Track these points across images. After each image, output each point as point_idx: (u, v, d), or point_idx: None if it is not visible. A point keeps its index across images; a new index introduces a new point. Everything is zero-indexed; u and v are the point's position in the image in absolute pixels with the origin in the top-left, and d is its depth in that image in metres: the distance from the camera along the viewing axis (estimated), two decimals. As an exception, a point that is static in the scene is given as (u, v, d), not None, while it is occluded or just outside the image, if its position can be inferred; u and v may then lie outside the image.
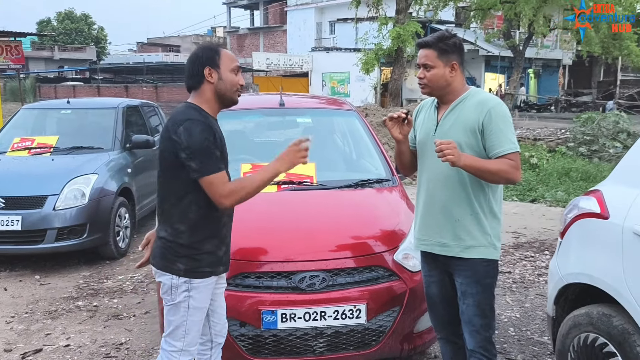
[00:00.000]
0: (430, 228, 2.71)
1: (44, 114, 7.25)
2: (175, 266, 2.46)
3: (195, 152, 2.33)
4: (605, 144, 11.64)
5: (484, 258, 2.63)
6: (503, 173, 2.50)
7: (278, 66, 32.94)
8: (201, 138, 2.34)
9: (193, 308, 2.50)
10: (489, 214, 2.64)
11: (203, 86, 2.48)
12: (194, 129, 2.34)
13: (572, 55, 33.12)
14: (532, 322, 4.32)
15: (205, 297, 2.54)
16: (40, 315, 4.55)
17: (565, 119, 21.64)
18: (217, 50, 2.49)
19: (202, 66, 2.46)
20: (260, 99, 5.45)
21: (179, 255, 2.46)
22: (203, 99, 2.49)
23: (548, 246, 6.25)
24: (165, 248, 2.49)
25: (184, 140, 2.33)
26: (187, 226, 2.44)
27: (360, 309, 3.01)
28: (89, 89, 40.00)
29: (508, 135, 2.54)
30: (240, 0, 50.75)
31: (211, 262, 2.51)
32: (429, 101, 2.83)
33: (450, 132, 2.62)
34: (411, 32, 19.03)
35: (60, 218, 5.45)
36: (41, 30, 55.41)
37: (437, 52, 2.59)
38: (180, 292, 2.47)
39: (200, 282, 2.49)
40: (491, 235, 2.64)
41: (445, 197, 2.64)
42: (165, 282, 2.50)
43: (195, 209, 2.44)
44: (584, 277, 2.76)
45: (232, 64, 2.50)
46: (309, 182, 3.80)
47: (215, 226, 2.51)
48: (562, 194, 8.71)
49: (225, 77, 2.48)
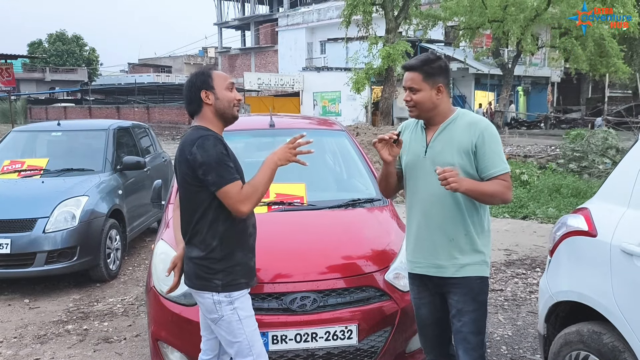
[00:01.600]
0: (425, 250, 2.70)
1: (35, 136, 7.23)
2: (213, 283, 2.52)
3: (210, 165, 2.43)
4: (595, 160, 11.73)
5: (478, 275, 2.65)
6: (499, 194, 2.55)
7: (269, 86, 33.12)
8: (215, 151, 2.44)
9: (245, 318, 2.56)
10: (480, 231, 2.67)
11: (203, 109, 2.60)
12: (206, 144, 2.45)
13: (561, 72, 33.55)
14: (525, 340, 4.31)
15: (249, 306, 2.60)
16: (30, 340, 4.50)
17: (555, 135, 21.86)
18: (209, 74, 2.60)
19: (198, 91, 2.58)
20: (251, 120, 5.46)
21: (215, 272, 2.52)
22: (206, 120, 2.60)
23: (539, 263, 6.26)
24: (199, 267, 2.54)
25: (198, 158, 2.43)
26: (218, 240, 2.52)
27: (351, 330, 3.00)
28: (80, 110, 40.04)
29: (501, 156, 2.58)
30: (232, 21, 51.17)
31: (245, 273, 2.59)
32: (413, 122, 2.84)
33: (442, 154, 2.62)
34: (401, 51, 19.27)
35: (50, 241, 5.41)
36: (32, 52, 55.48)
37: (423, 75, 2.60)
38: (224, 306, 2.53)
39: (239, 294, 2.56)
40: (484, 252, 2.67)
41: (441, 218, 2.64)
42: (206, 301, 2.55)
43: (223, 222, 2.52)
44: (574, 294, 2.77)
45: (226, 82, 2.62)
46: (300, 203, 3.81)
47: (243, 237, 2.60)
48: (554, 210, 8.75)
49: (222, 95, 2.59)
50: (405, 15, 20.96)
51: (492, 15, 22.43)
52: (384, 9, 20.50)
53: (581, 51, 21.99)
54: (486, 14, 22.47)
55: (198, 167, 2.43)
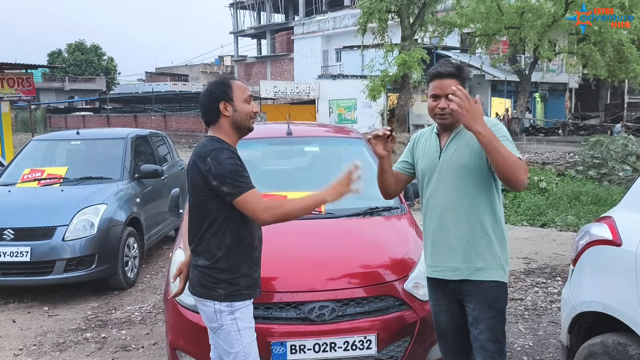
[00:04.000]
0: (441, 253, 2.71)
1: (54, 145, 7.31)
2: (216, 292, 2.54)
3: (225, 177, 2.43)
4: (615, 167, 11.56)
5: (495, 280, 2.63)
6: (516, 166, 2.41)
7: (285, 94, 33.24)
8: (229, 163, 2.45)
9: (244, 329, 2.56)
10: (500, 235, 2.66)
11: (220, 120, 2.59)
12: (220, 156, 2.45)
13: (579, 78, 33.22)
14: (546, 350, 4.24)
15: (250, 318, 2.61)
16: (49, 347, 4.52)
17: (573, 142, 21.60)
18: (229, 84, 2.59)
19: (216, 102, 2.57)
20: (268, 128, 5.47)
21: (219, 281, 2.54)
22: (222, 131, 2.60)
23: (560, 272, 6.17)
24: (203, 275, 2.56)
25: (214, 170, 2.44)
26: (224, 251, 2.53)
27: (370, 340, 2.97)
28: (98, 118, 40.52)
29: (512, 147, 2.52)
30: (248, 29, 51.52)
31: (248, 285, 2.60)
32: (428, 130, 2.87)
33: (456, 154, 2.65)
34: (417, 58, 19.25)
35: (69, 249, 5.45)
36: (52, 62, 56.29)
37: (460, 81, 2.61)
38: (224, 316, 2.54)
39: (241, 304, 2.56)
40: (500, 257, 2.65)
41: (456, 219, 2.65)
42: (208, 309, 2.57)
43: (230, 234, 2.53)
44: (598, 305, 2.71)
45: (245, 94, 2.61)
46: (318, 211, 3.79)
47: (248, 249, 2.61)
48: (573, 218, 8.63)
49: (240, 108, 2.58)
50: (421, 22, 20.95)
51: (508, 21, 22.32)
52: (400, 17, 20.51)
53: (600, 57, 21.78)
54: (502, 21, 22.37)
55: (213, 179, 2.44)
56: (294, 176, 4.55)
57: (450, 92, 2.52)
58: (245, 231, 2.57)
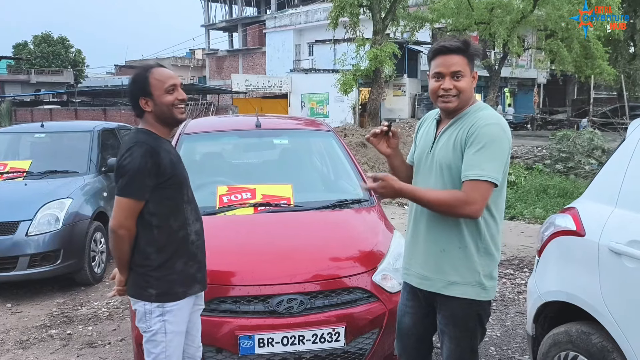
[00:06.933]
0: (415, 258, 2.47)
1: (17, 137, 7.12)
2: (147, 292, 2.45)
3: (126, 171, 2.37)
4: (581, 161, 11.81)
5: (468, 298, 2.34)
6: (446, 207, 2.23)
7: (257, 88, 33.03)
8: (139, 162, 2.36)
9: (171, 333, 2.47)
10: (482, 250, 2.34)
11: (145, 115, 2.51)
12: (136, 152, 2.37)
13: (547, 74, 33.80)
14: (513, 340, 4.30)
15: (182, 320, 2.53)
16: (11, 345, 4.41)
17: (541, 136, 21.99)
18: (146, 78, 2.47)
19: (136, 98, 2.49)
20: (237, 121, 5.42)
21: (150, 279, 2.45)
22: (149, 124, 2.52)
23: (527, 263, 6.27)
24: (135, 274, 2.48)
25: (122, 161, 2.38)
26: (155, 248, 2.45)
27: (339, 332, 2.96)
28: (66, 112, 39.64)
29: (479, 159, 2.21)
30: (219, 22, 51.01)
31: (183, 281, 2.51)
32: (432, 113, 2.55)
33: (442, 150, 2.36)
34: (388, 53, 19.31)
35: (33, 244, 5.32)
36: (17, 54, 54.90)
37: (468, 59, 2.31)
38: (154, 317, 2.45)
39: (174, 305, 2.47)
40: (480, 272, 2.33)
41: (432, 224, 2.38)
42: (139, 309, 2.49)
43: (159, 229, 2.45)
44: (562, 295, 2.75)
45: (165, 84, 2.47)
46: (286, 204, 3.77)
47: (182, 244, 2.51)
48: (540, 210, 8.78)
49: (161, 101, 2.47)
50: (392, 17, 21.00)
51: (478, 17, 22.53)
52: (371, 11, 20.53)
53: (567, 53, 22.16)
54: (473, 16, 22.57)
55: (116, 169, 2.40)
56: (263, 169, 4.52)
57: (455, 70, 2.28)
58: (177, 225, 2.48)
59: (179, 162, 2.56)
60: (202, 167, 4.42)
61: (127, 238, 2.42)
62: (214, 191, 3.83)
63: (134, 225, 2.41)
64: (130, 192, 2.38)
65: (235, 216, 3.67)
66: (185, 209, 2.54)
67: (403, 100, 31.01)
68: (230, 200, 3.75)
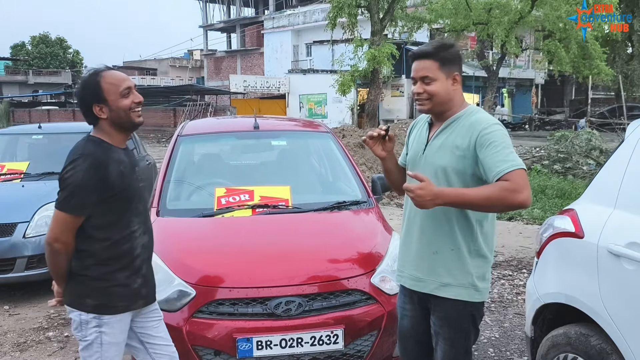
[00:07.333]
0: (408, 259, 2.51)
1: (15, 139, 7.10)
2: (84, 302, 2.36)
3: (67, 185, 2.26)
4: (579, 162, 11.82)
5: (461, 300, 2.37)
6: (495, 200, 2.16)
7: (255, 88, 33.03)
8: (82, 176, 2.25)
9: (107, 344, 2.39)
10: (474, 252, 2.37)
11: (100, 122, 2.37)
12: (80, 166, 2.26)
13: (545, 74, 33.83)
14: (512, 342, 4.29)
15: (119, 332, 2.43)
16: (9, 347, 4.39)
17: (539, 137, 22.01)
18: (97, 83, 2.32)
19: (89, 106, 2.34)
20: (235, 122, 5.42)
21: (88, 290, 2.37)
22: (103, 132, 2.39)
23: (525, 264, 6.27)
24: (74, 282, 2.39)
25: (64, 173, 2.27)
26: (95, 259, 2.36)
27: (337, 334, 2.96)
28: (64, 113, 39.61)
29: (503, 154, 2.22)
30: (217, 23, 50.99)
31: (125, 296, 2.41)
32: (424, 117, 2.60)
33: (437, 154, 2.39)
34: (386, 53, 19.30)
35: (31, 246, 5.30)
36: (15, 55, 54.89)
37: (439, 62, 2.34)
38: (90, 327, 2.37)
39: (110, 318, 2.38)
40: (473, 274, 2.36)
41: (426, 226, 2.41)
42: (74, 318, 2.40)
43: (100, 241, 2.35)
44: (561, 296, 2.75)
45: (120, 88, 2.34)
46: (284, 206, 3.76)
47: (125, 258, 2.41)
48: (539, 211, 8.78)
49: (117, 106, 2.34)
50: (390, 17, 21.00)
51: (476, 17, 22.56)
52: (370, 12, 20.52)
53: (564, 53, 22.19)
54: (471, 17, 22.60)
55: (59, 180, 2.29)
56: (261, 171, 4.52)
57: (423, 75, 2.34)
58: (121, 238, 2.37)
59: (131, 174, 2.42)
60: (200, 169, 4.42)
61: (63, 252, 2.32)
62: (212, 192, 3.83)
63: (71, 239, 2.32)
64: (69, 207, 2.27)
65: (234, 218, 3.67)
66: (131, 222, 2.42)
67: (401, 100, 31.02)
68: (228, 202, 3.74)
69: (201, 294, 2.98)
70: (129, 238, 2.40)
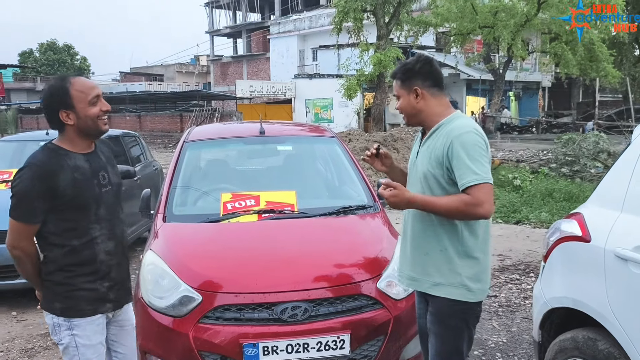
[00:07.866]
0: (404, 260, 2.67)
1: (22, 145, 7.12)
2: (53, 305, 2.43)
3: (14, 194, 2.30)
4: (587, 164, 11.76)
5: (453, 299, 2.47)
6: (456, 212, 2.34)
7: (261, 93, 33.08)
8: (26, 185, 2.27)
9: (82, 346, 2.43)
10: (462, 253, 2.46)
11: (66, 129, 2.39)
12: (26, 174, 2.28)
13: (551, 77, 33.71)
14: (520, 346, 4.27)
15: (93, 334, 2.47)
16: (17, 353, 4.41)
17: (547, 140, 21.91)
18: (66, 90, 2.32)
19: (56, 112, 2.35)
20: (241, 128, 5.42)
21: (55, 294, 2.42)
22: (68, 140, 2.41)
23: (533, 268, 6.23)
24: (45, 287, 2.45)
25: (13, 182, 2.30)
26: (56, 265, 2.40)
27: (344, 340, 2.95)
28: (71, 119, 39.77)
29: (469, 165, 2.33)
30: (223, 28, 51.19)
31: (91, 300, 2.45)
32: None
33: (422, 161, 2.55)
34: (392, 57, 19.31)
35: (38, 252, 5.31)
36: (23, 62, 55.30)
37: (400, 80, 2.56)
38: (62, 330, 2.43)
39: (80, 320, 2.43)
40: (462, 274, 2.45)
41: (416, 229, 2.56)
42: (48, 321, 2.47)
43: (60, 247, 2.38)
44: (568, 301, 2.73)
45: (88, 96, 2.35)
46: (290, 210, 3.76)
47: (88, 264, 2.43)
48: (546, 215, 8.74)
49: (84, 113, 2.35)
50: (396, 21, 21.01)
51: (482, 21, 22.54)
52: (375, 16, 20.54)
53: (571, 56, 22.12)
54: (477, 20, 22.58)
55: (10, 188, 2.33)
56: (267, 176, 4.52)
57: (395, 94, 2.60)
58: (80, 245, 2.39)
59: (87, 181, 2.40)
60: (206, 174, 4.42)
61: (24, 257, 2.38)
62: (219, 198, 3.83)
63: (29, 246, 2.36)
64: (17, 215, 2.32)
65: (239, 223, 3.67)
66: (91, 229, 2.42)
67: (407, 104, 30.90)
68: (234, 207, 3.74)
69: (207, 300, 2.98)
70: (89, 245, 2.42)
